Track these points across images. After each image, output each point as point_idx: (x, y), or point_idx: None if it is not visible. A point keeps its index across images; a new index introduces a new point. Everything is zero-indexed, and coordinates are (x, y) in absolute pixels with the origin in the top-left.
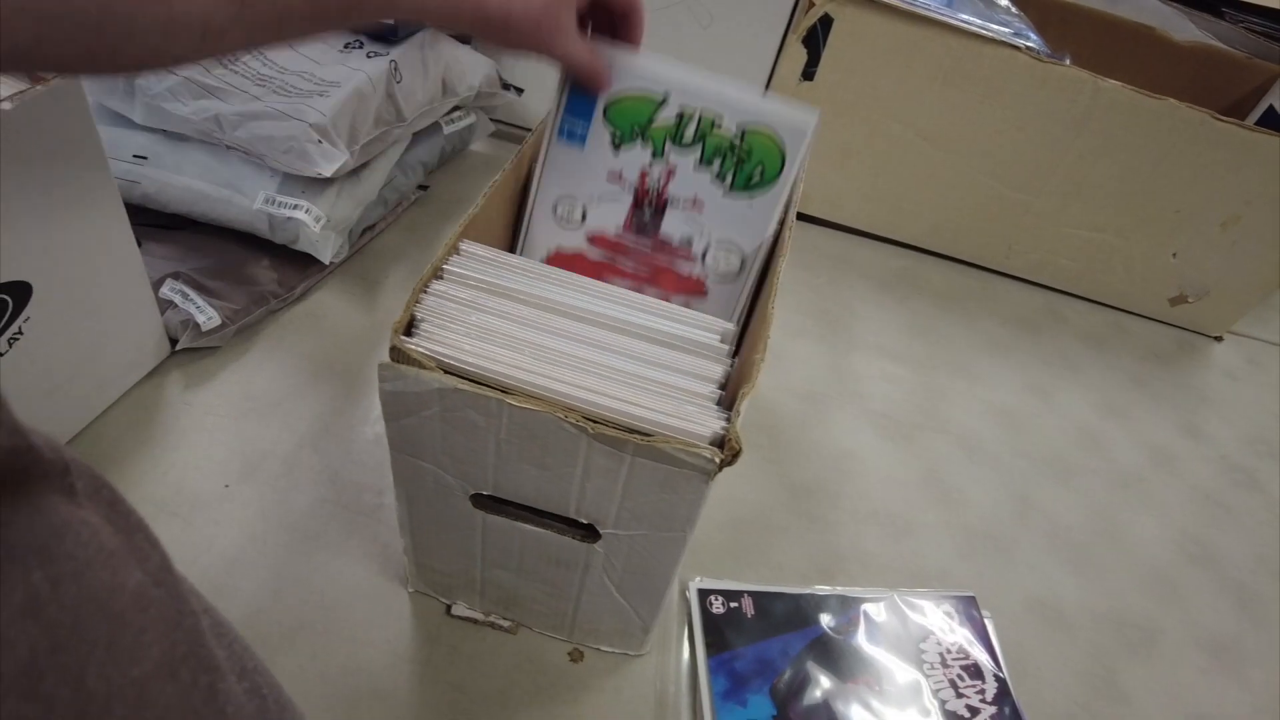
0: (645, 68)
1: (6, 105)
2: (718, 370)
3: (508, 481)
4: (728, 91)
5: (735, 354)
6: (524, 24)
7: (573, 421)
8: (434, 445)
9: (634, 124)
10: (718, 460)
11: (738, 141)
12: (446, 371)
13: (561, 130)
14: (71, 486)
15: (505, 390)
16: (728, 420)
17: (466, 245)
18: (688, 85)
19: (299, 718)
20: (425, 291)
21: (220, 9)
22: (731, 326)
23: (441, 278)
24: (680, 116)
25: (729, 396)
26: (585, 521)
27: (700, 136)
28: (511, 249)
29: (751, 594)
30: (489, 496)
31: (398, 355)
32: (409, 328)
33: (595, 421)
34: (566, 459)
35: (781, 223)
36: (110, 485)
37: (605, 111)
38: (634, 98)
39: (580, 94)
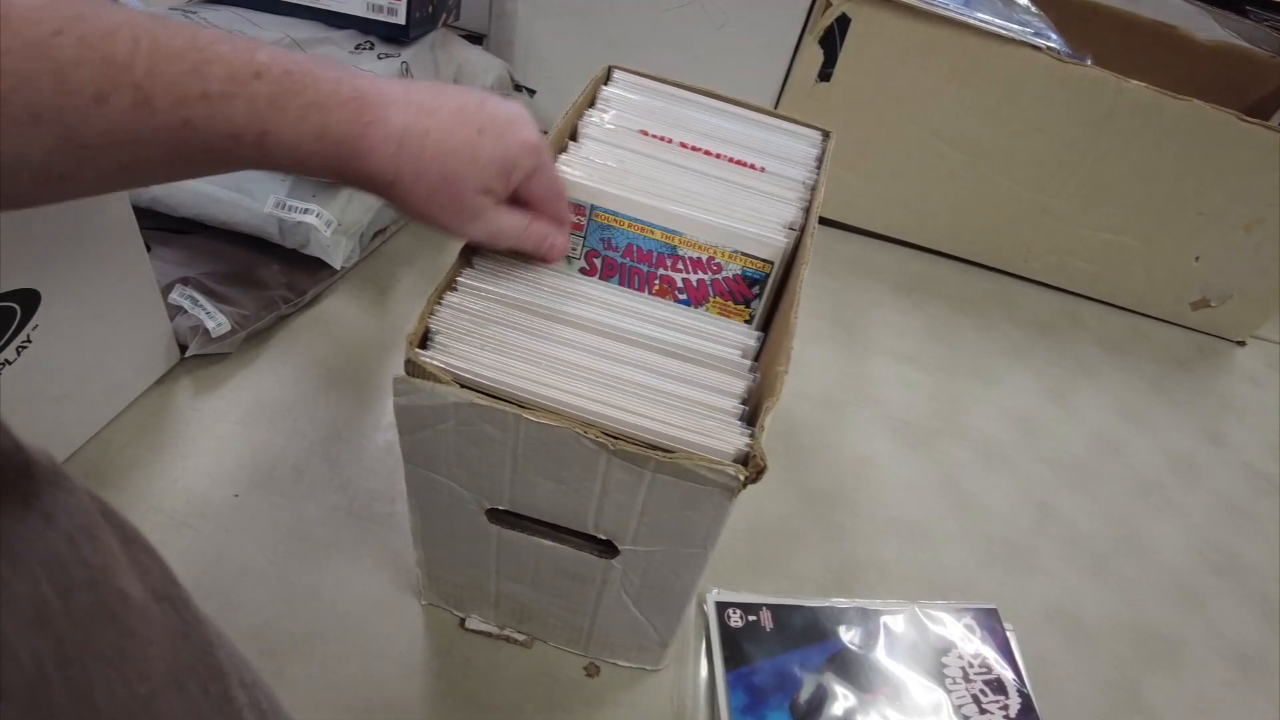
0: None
1: None
2: (739, 385)
3: (524, 496)
4: None
5: (756, 361)
6: (415, 193)
7: (592, 437)
8: (449, 459)
9: None
10: (742, 477)
11: None
12: (462, 385)
13: None
14: (76, 492)
15: (522, 405)
16: (751, 436)
17: (480, 258)
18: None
19: None
20: (439, 303)
21: (58, 156)
22: (752, 342)
23: (456, 290)
24: None
25: (751, 411)
26: (603, 537)
27: None
28: None
29: (770, 607)
30: (504, 511)
31: (413, 369)
32: (423, 340)
33: (615, 437)
34: (585, 475)
35: (803, 229)
36: (100, 497)
37: None
38: None
39: None
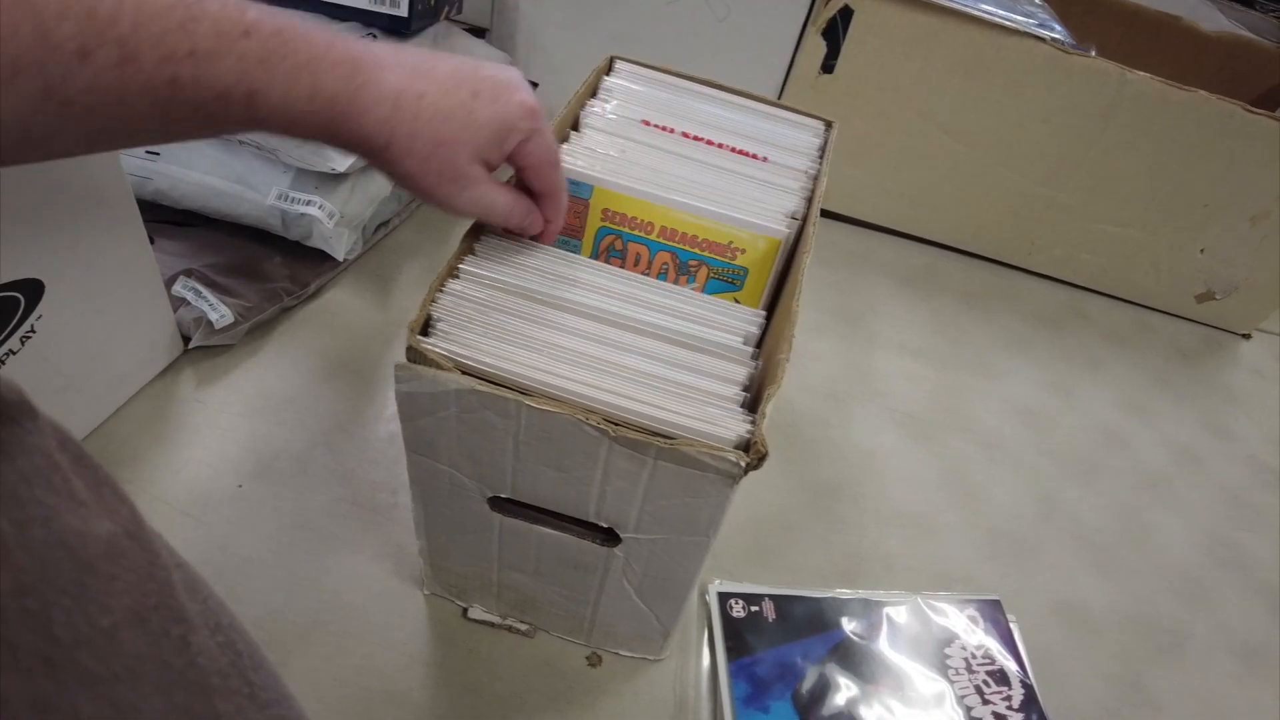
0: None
1: None
2: (741, 372)
3: (525, 484)
4: None
5: (758, 348)
6: (408, 158)
7: (593, 424)
8: (450, 447)
9: None
10: (743, 464)
11: None
12: (464, 372)
13: None
14: (40, 431)
15: (523, 391)
16: (752, 423)
17: (482, 245)
18: None
19: (275, 676)
20: (441, 291)
21: (40, 114)
22: (754, 329)
23: (458, 277)
24: None
25: (753, 399)
26: (605, 525)
27: None
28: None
29: (772, 597)
30: (506, 499)
31: (414, 355)
32: (425, 327)
33: (617, 424)
34: (586, 462)
35: (805, 218)
36: (75, 440)
37: None
38: None
39: None
